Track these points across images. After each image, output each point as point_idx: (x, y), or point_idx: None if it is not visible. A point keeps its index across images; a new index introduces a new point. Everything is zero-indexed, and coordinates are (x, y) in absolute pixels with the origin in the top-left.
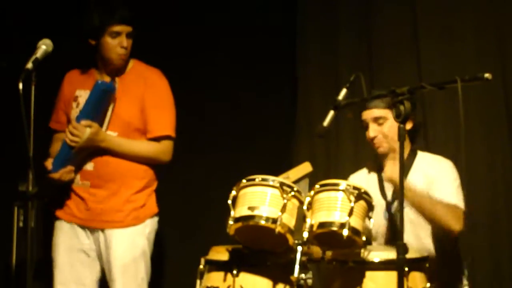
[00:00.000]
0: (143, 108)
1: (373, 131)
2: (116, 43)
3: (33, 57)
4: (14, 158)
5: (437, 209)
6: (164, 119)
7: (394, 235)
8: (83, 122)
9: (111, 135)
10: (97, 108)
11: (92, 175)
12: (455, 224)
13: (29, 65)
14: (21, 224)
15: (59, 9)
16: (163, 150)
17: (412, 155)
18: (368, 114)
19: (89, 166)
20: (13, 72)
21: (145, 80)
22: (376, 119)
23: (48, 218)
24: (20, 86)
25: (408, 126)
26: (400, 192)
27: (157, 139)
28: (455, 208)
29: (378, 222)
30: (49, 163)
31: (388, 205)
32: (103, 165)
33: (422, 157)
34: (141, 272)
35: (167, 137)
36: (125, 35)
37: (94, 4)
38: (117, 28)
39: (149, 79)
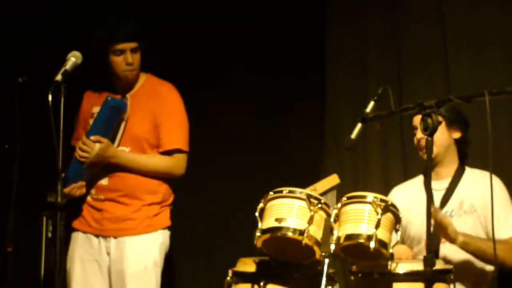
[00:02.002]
0: (155, 123)
1: (419, 134)
2: (121, 60)
3: (63, 69)
4: (44, 168)
5: (497, 250)
6: (175, 132)
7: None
8: (92, 137)
9: (122, 151)
10: (107, 125)
11: (106, 189)
12: None
13: (59, 77)
14: (49, 234)
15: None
16: (175, 164)
17: (460, 170)
18: (418, 118)
19: (103, 181)
20: (42, 84)
21: (157, 95)
22: None
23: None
24: (50, 98)
25: (456, 135)
26: (427, 208)
27: (168, 153)
28: None
29: (422, 229)
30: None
31: None
32: (117, 180)
33: (471, 171)
34: (152, 283)
35: (178, 151)
36: (129, 51)
37: (96, 23)
38: (119, 46)
39: (161, 94)
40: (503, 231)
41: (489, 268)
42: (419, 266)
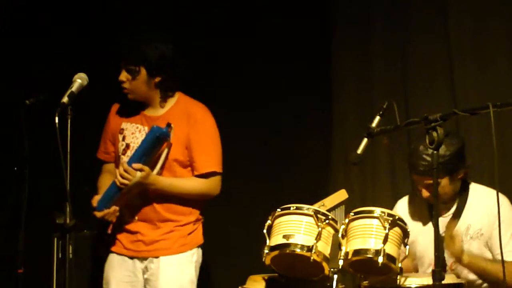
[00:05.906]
0: (188, 145)
1: (425, 194)
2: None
3: (69, 91)
4: (53, 190)
5: (500, 272)
6: (210, 156)
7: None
8: (135, 165)
9: (161, 178)
10: (149, 153)
11: (140, 211)
12: None
13: (65, 99)
14: (60, 255)
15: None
16: (211, 186)
17: (465, 191)
18: (420, 180)
19: (137, 203)
20: (49, 106)
21: (189, 117)
22: (428, 186)
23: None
24: (56, 119)
25: (460, 175)
26: (435, 220)
27: (204, 176)
28: None
29: (428, 249)
30: (95, 201)
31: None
32: (151, 202)
33: (476, 190)
34: None
35: (214, 173)
36: (124, 70)
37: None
38: (120, 63)
39: (193, 116)
40: (507, 252)
41: None
42: (429, 280)
